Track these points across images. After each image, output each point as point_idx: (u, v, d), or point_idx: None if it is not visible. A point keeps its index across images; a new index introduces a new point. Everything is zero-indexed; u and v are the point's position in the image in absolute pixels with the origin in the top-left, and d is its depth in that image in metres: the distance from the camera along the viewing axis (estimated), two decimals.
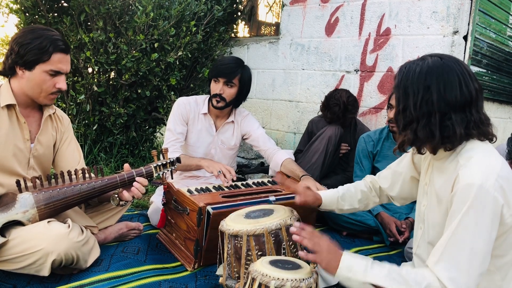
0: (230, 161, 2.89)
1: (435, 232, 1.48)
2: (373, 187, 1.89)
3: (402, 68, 1.45)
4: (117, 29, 3.59)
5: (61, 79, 1.90)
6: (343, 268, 1.36)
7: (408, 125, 1.41)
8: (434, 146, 1.39)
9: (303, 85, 3.99)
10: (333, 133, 2.98)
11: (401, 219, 2.65)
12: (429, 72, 1.37)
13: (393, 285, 1.29)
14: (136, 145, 4.10)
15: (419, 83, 1.37)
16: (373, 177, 1.92)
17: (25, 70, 1.83)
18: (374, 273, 1.33)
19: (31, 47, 1.79)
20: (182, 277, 2.02)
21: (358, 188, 1.90)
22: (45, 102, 1.93)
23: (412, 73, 1.40)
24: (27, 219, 1.76)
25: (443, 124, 1.36)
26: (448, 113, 1.35)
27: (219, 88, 2.64)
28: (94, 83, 3.61)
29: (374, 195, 1.89)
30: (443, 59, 1.39)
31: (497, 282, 1.40)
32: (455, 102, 1.34)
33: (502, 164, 1.34)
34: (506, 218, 1.30)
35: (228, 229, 1.64)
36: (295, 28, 4.02)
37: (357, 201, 1.88)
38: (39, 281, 1.81)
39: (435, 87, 1.35)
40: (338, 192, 1.89)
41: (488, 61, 3.52)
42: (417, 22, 3.22)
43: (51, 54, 1.83)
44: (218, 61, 2.74)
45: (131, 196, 1.96)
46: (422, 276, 1.30)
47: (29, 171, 1.95)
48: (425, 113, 1.36)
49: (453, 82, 1.35)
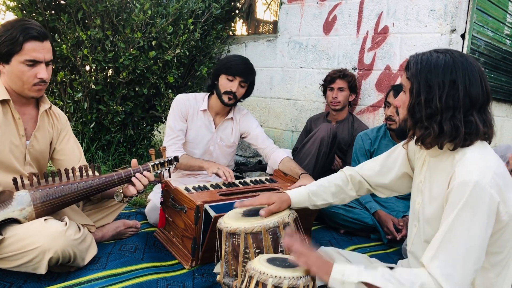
0: (228, 159, 2.89)
1: (430, 229, 1.48)
2: (351, 180, 1.83)
3: (417, 58, 1.42)
4: (115, 26, 3.58)
5: (41, 68, 1.83)
6: (336, 272, 1.34)
7: (430, 118, 1.38)
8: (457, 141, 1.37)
9: (301, 83, 3.99)
10: (326, 134, 2.90)
11: (398, 217, 2.66)
12: (455, 67, 1.35)
13: (387, 284, 1.29)
14: (133, 143, 4.09)
15: (445, 76, 1.35)
16: (353, 169, 1.86)
17: (4, 64, 1.81)
18: (368, 273, 1.33)
19: (2, 39, 1.75)
20: (179, 275, 2.02)
21: (332, 182, 1.84)
22: (31, 94, 1.88)
23: (435, 65, 1.37)
24: (23, 217, 1.75)
25: (466, 119, 1.35)
26: (470, 109, 1.35)
27: (235, 86, 2.64)
28: (92, 81, 3.60)
29: (351, 189, 1.83)
30: (464, 56, 1.39)
31: (492, 279, 1.40)
32: (476, 100, 1.35)
33: (498, 162, 1.35)
34: (502, 215, 1.30)
35: (226, 227, 1.64)
36: (293, 26, 4.02)
37: (330, 195, 1.82)
38: (36, 279, 1.80)
39: (461, 82, 1.34)
40: (310, 188, 1.83)
41: (486, 60, 3.53)
42: (414, 20, 3.23)
43: (22, 44, 1.76)
44: (232, 60, 2.69)
45: (135, 190, 1.97)
46: (416, 276, 1.29)
47: (25, 167, 1.94)
48: (451, 107, 1.35)
49: (476, 79, 1.35)
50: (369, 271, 1.34)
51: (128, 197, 2.02)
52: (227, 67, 2.66)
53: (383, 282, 1.30)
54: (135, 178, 1.99)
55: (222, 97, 2.66)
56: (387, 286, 1.29)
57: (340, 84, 3.28)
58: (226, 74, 2.65)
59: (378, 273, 1.32)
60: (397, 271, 1.33)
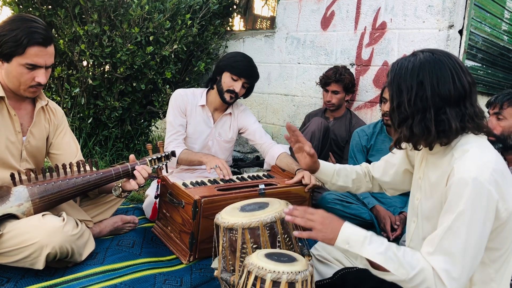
0: (226, 154, 2.89)
1: (429, 226, 1.49)
2: (367, 173, 1.91)
3: (394, 65, 1.46)
4: (112, 22, 3.57)
5: (40, 72, 1.82)
6: (340, 240, 1.37)
7: (403, 122, 1.41)
8: (430, 141, 1.39)
9: (298, 79, 3.99)
10: (317, 127, 2.90)
11: (395, 213, 2.66)
12: (422, 68, 1.37)
13: (387, 263, 1.30)
14: (131, 138, 4.09)
15: (412, 79, 1.37)
16: (368, 165, 1.94)
17: (3, 61, 1.79)
18: (371, 247, 1.34)
19: (6, 39, 1.72)
20: (177, 270, 2.02)
21: (354, 169, 1.92)
22: (26, 94, 1.88)
23: (405, 69, 1.40)
24: (21, 212, 1.75)
25: (438, 119, 1.36)
26: (442, 107, 1.35)
27: (238, 86, 2.63)
28: (89, 76, 3.59)
29: (368, 181, 1.90)
30: (435, 54, 1.39)
31: (491, 275, 1.41)
32: (449, 97, 1.34)
33: (496, 158, 1.34)
34: (501, 212, 1.31)
35: (223, 222, 1.65)
36: (291, 21, 4.01)
37: (351, 180, 1.89)
38: (34, 274, 1.81)
39: (428, 82, 1.35)
40: (335, 167, 1.90)
41: (483, 56, 3.53)
42: (412, 16, 3.22)
43: (26, 48, 1.74)
44: (239, 60, 2.66)
45: (136, 184, 1.96)
46: (417, 260, 1.31)
47: (22, 163, 1.94)
48: (420, 108, 1.36)
49: (446, 76, 1.35)
50: (373, 245, 1.35)
51: (126, 191, 2.01)
52: (234, 66, 2.64)
53: (384, 260, 1.31)
54: (137, 171, 1.98)
55: (224, 95, 2.66)
56: (387, 265, 1.30)
57: (335, 88, 3.25)
58: (231, 73, 2.63)
59: (381, 248, 1.34)
60: (401, 249, 1.35)
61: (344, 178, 1.89)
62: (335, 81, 3.22)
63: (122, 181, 2.00)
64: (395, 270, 1.30)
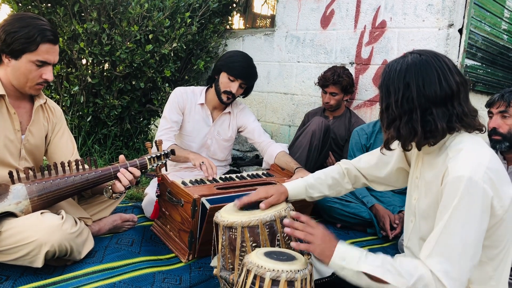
0: (225, 153, 2.89)
1: (426, 225, 1.49)
2: (347, 173, 1.86)
3: (385, 68, 1.48)
4: (111, 20, 3.56)
5: (48, 69, 1.85)
6: (337, 257, 1.37)
7: (391, 123, 1.43)
8: (417, 141, 1.41)
9: (298, 78, 3.98)
10: (317, 127, 2.87)
11: (394, 213, 2.66)
12: (408, 70, 1.39)
13: (386, 275, 1.30)
14: (130, 137, 4.08)
15: (399, 81, 1.39)
16: (349, 162, 1.89)
17: (11, 58, 1.79)
18: (367, 262, 1.34)
19: (18, 36, 1.74)
20: (176, 268, 2.02)
21: (328, 175, 1.87)
22: (30, 92, 1.89)
23: (393, 72, 1.42)
24: (20, 210, 1.75)
25: (424, 119, 1.37)
26: (429, 108, 1.37)
27: (235, 87, 2.62)
28: (88, 74, 3.58)
29: (347, 182, 1.87)
30: (422, 55, 1.41)
31: (489, 273, 1.41)
32: (435, 97, 1.35)
33: (491, 156, 1.35)
34: (496, 210, 1.31)
35: (223, 220, 1.64)
36: (291, 20, 4.01)
37: (327, 187, 1.86)
38: (33, 272, 1.80)
39: (414, 83, 1.37)
40: (307, 181, 1.86)
41: (483, 55, 3.53)
42: (412, 14, 3.22)
43: (39, 44, 1.77)
44: (236, 60, 2.63)
45: (122, 186, 1.92)
46: (415, 268, 1.31)
47: (20, 161, 1.94)
48: (407, 110, 1.38)
49: (432, 77, 1.36)
50: (369, 259, 1.35)
51: (117, 193, 1.97)
52: (231, 67, 2.61)
53: (382, 272, 1.31)
54: (120, 174, 1.93)
55: (221, 95, 2.65)
56: (386, 277, 1.30)
57: (333, 90, 3.24)
58: (228, 74, 2.61)
59: (378, 261, 1.34)
60: (397, 260, 1.35)
61: (319, 188, 1.85)
62: (333, 83, 3.21)
63: (112, 183, 1.98)
64: (395, 280, 1.30)
